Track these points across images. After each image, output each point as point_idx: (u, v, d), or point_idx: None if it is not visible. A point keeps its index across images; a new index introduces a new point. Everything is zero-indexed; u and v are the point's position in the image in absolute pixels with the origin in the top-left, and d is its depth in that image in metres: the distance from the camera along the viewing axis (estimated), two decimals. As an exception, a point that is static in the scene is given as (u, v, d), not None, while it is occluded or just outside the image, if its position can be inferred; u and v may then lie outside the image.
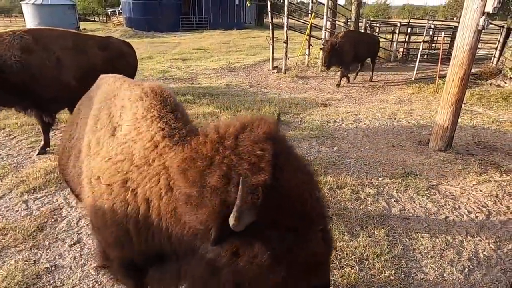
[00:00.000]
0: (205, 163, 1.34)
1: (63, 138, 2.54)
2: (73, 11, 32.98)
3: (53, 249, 3.21)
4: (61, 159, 2.44)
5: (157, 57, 16.11)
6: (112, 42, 5.82)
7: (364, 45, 10.54)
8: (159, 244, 1.58)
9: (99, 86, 2.42)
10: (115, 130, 1.78)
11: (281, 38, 12.66)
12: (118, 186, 1.63)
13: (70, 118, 2.41)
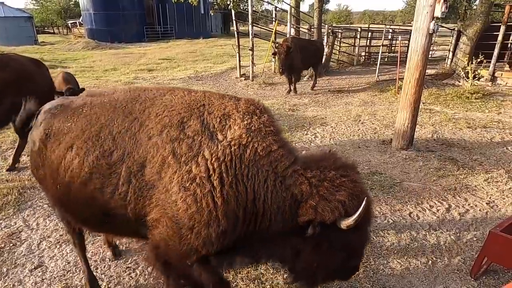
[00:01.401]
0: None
1: (81, 159, 2.03)
2: (29, 24, 31.56)
3: (11, 275, 3.02)
4: (91, 180, 2.01)
5: (121, 69, 15.74)
6: (14, 60, 4.87)
7: (308, 51, 10.54)
8: (256, 232, 1.93)
9: (145, 99, 2.11)
10: (214, 136, 1.87)
11: (248, 46, 12.78)
12: (228, 184, 1.80)
13: (74, 140, 2.06)
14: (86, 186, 1.99)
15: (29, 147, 2.39)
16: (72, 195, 2.09)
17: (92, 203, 2.04)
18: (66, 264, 3.16)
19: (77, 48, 26.04)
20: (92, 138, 2.01)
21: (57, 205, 2.38)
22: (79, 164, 2.00)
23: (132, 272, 3.06)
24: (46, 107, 2.39)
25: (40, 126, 2.25)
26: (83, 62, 18.79)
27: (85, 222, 2.35)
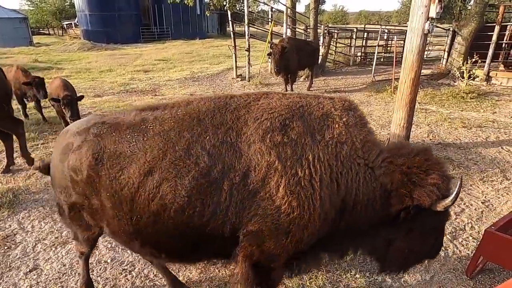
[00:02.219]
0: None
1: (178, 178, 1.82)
2: (24, 25, 31.41)
3: (6, 279, 3.00)
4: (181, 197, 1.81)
5: (117, 70, 15.69)
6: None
7: (305, 52, 10.57)
8: (343, 227, 1.95)
9: (236, 106, 1.98)
10: (315, 136, 1.84)
11: (244, 47, 12.78)
12: (326, 184, 1.80)
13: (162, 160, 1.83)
14: (183, 211, 1.79)
15: (61, 176, 2.11)
16: (160, 225, 1.85)
17: (186, 229, 1.84)
18: (61, 267, 3.14)
19: (72, 49, 25.93)
20: (182, 158, 1.80)
21: (128, 238, 2.04)
22: (172, 189, 1.77)
23: (128, 274, 3.05)
24: (76, 128, 2.14)
25: (81, 151, 1.98)
26: (78, 63, 18.71)
27: (166, 252, 2.08)
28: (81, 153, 1.98)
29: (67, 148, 2.08)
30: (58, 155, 2.15)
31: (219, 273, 3.02)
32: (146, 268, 3.11)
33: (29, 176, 4.90)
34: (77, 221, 2.21)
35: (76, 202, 2.10)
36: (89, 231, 2.23)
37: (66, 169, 2.04)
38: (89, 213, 2.10)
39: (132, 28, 34.16)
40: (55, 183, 2.22)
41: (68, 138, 2.12)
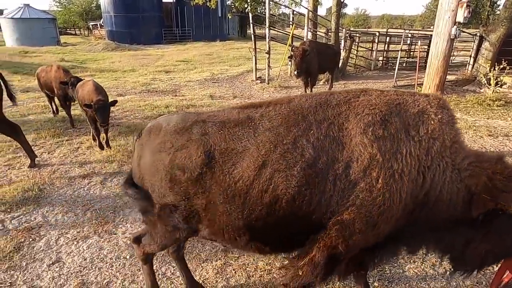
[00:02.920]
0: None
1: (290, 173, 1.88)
2: (53, 25, 32.57)
3: (30, 270, 3.10)
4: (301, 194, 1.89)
5: (139, 70, 16.03)
6: None
7: (325, 55, 10.51)
8: (421, 223, 1.97)
9: (337, 103, 2.03)
10: (409, 131, 1.91)
11: (264, 49, 12.82)
12: (413, 178, 1.85)
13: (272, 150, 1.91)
14: (294, 201, 1.87)
15: (155, 175, 2.11)
16: (271, 216, 1.93)
17: (293, 219, 1.93)
18: (82, 261, 3.22)
19: (97, 49, 26.69)
20: (290, 151, 1.89)
21: (235, 234, 2.08)
22: (284, 180, 1.86)
23: (146, 271, 3.09)
24: (172, 127, 2.15)
25: (189, 149, 2.02)
26: (102, 63, 19.24)
27: (271, 243, 2.15)
28: (189, 151, 2.02)
29: (164, 147, 2.10)
30: (150, 155, 2.16)
31: (235, 274, 3.03)
32: (164, 267, 3.16)
33: (54, 171, 5.07)
34: (164, 221, 2.21)
35: (170, 203, 2.10)
36: (176, 232, 2.23)
37: (166, 168, 2.06)
38: (184, 214, 2.10)
39: (155, 30, 34.86)
40: (143, 182, 2.21)
41: (164, 137, 2.14)
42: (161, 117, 2.43)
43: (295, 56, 9.40)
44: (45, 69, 7.26)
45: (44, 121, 7.40)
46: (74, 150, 5.90)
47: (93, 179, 4.84)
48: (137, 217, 3.94)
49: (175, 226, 2.20)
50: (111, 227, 3.75)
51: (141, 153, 2.25)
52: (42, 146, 6.06)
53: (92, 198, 4.34)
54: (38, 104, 8.94)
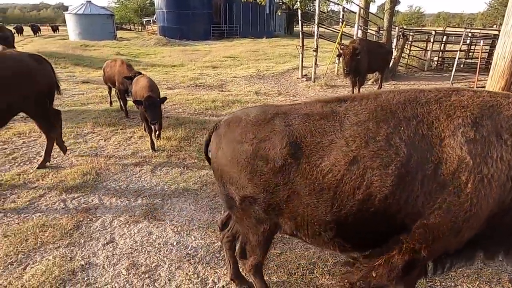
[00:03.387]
0: None
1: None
2: (111, 21, 34.68)
3: (87, 247, 3.35)
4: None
5: (188, 65, 16.56)
6: (11, 57, 4.57)
7: (376, 54, 10.14)
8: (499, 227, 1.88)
9: (426, 101, 1.98)
10: (501, 135, 1.85)
11: (311, 47, 12.64)
12: (501, 184, 1.78)
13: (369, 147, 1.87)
14: (386, 199, 1.83)
15: (235, 166, 2.12)
16: (362, 213, 1.89)
17: (382, 218, 1.88)
18: (133, 243, 3.42)
19: (149, 44, 27.99)
20: (384, 148, 1.85)
21: (320, 229, 2.05)
22: (378, 178, 1.82)
23: (191, 259, 3.21)
24: (253, 119, 2.17)
25: (273, 140, 2.02)
26: (154, 57, 20.13)
27: (355, 241, 2.10)
28: (273, 142, 2.03)
29: (246, 138, 2.11)
30: (230, 146, 2.17)
31: (277, 270, 3.04)
32: (208, 256, 3.25)
33: (109, 158, 5.41)
34: (248, 214, 2.23)
35: (250, 194, 2.12)
36: (261, 226, 2.23)
37: (248, 159, 2.07)
38: (263, 206, 2.11)
39: (204, 26, 35.76)
40: (223, 174, 2.24)
41: (245, 128, 2.15)
42: (238, 110, 2.48)
43: (345, 54, 9.16)
44: (110, 63, 7.62)
45: (101, 111, 7.92)
46: (127, 139, 6.26)
47: (144, 167, 5.10)
48: (184, 206, 4.09)
49: (259, 218, 2.19)
50: (160, 214, 3.93)
51: (220, 145, 2.26)
52: (99, 134, 6.49)
53: (143, 185, 4.58)
54: (96, 95, 9.57)
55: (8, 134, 6.25)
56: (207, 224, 3.74)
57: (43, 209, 3.98)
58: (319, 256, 3.20)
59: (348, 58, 9.07)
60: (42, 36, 37.51)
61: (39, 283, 2.85)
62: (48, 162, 5.12)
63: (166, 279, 2.96)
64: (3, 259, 3.13)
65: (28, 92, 4.51)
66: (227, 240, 2.80)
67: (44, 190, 4.38)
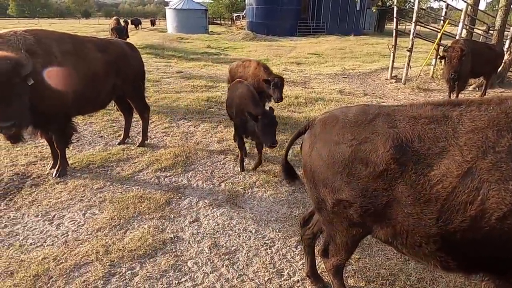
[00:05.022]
0: None
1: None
2: (204, 15, 36.98)
3: (176, 222, 3.68)
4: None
5: (273, 60, 16.82)
6: (113, 43, 5.18)
7: (483, 57, 8.90)
8: None
9: None
10: None
11: (404, 46, 11.79)
12: None
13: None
14: (505, 219, 1.60)
15: (329, 169, 2.06)
16: (473, 231, 1.69)
17: (496, 240, 1.67)
18: (215, 225, 3.65)
19: (237, 39, 29.13)
20: (505, 160, 1.64)
21: (420, 241, 1.88)
22: (497, 193, 1.61)
23: (268, 249, 3.31)
24: (352, 119, 2.08)
25: (375, 142, 1.91)
26: (241, 51, 20.91)
27: (458, 261, 1.89)
28: (375, 145, 1.91)
29: (344, 139, 2.03)
30: (326, 147, 2.11)
31: (354, 275, 2.96)
32: (284, 248, 3.31)
33: (197, 143, 5.83)
34: (340, 217, 2.15)
35: (345, 198, 2.03)
36: (353, 230, 2.15)
37: (345, 161, 1.99)
38: (359, 211, 2.01)
39: (290, 22, 35.88)
40: (316, 175, 2.18)
41: (342, 129, 2.07)
42: (336, 109, 2.42)
43: (451, 57, 8.20)
44: (242, 64, 6.75)
45: (192, 99, 8.52)
46: (214, 127, 6.65)
47: (228, 156, 5.37)
48: (264, 197, 4.22)
49: (351, 222, 2.11)
50: (241, 201, 4.12)
51: (314, 144, 2.20)
52: (190, 120, 7.02)
53: (226, 172, 4.84)
54: (188, 84, 10.34)
55: (116, 114, 7.14)
56: (285, 218, 3.81)
57: (141, 182, 4.48)
58: (401, 269, 3.02)
59: (456, 61, 8.10)
60: (143, 29, 41.59)
61: (136, 247, 3.23)
62: (147, 141, 5.73)
63: (244, 263, 3.10)
64: (109, 221, 3.62)
65: (126, 74, 5.15)
66: (308, 237, 2.81)
67: (142, 166, 4.91)
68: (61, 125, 4.47)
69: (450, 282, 2.87)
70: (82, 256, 3.10)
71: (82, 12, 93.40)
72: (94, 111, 5.59)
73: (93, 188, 4.28)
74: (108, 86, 4.96)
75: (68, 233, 3.44)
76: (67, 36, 4.59)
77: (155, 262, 3.08)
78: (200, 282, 2.87)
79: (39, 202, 3.96)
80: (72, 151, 5.26)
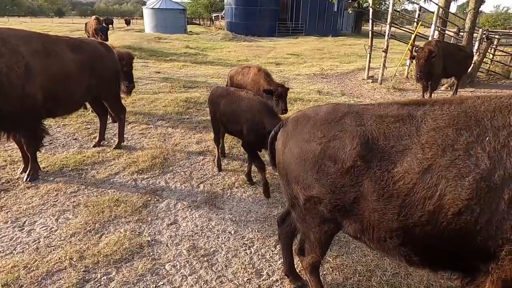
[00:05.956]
0: None
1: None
2: (183, 15, 36.55)
3: (154, 225, 3.61)
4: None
5: (252, 60, 16.84)
6: (87, 43, 5.06)
7: (454, 58, 9.34)
8: None
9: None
10: None
11: (380, 47, 12.09)
12: None
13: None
14: (460, 215, 1.67)
15: (301, 166, 2.10)
16: (431, 226, 1.76)
17: (455, 234, 1.73)
18: (194, 227, 3.61)
19: (216, 39, 28.97)
20: (462, 158, 1.70)
21: (385, 236, 1.94)
22: (453, 190, 1.68)
23: (247, 249, 3.30)
24: (322, 118, 2.13)
25: (343, 140, 1.96)
26: (220, 51, 20.80)
27: (421, 256, 1.95)
28: (343, 142, 1.96)
29: (314, 136, 2.08)
30: (297, 144, 2.15)
31: (332, 272, 3.00)
32: (263, 248, 3.32)
33: (176, 144, 5.75)
34: (311, 213, 2.19)
35: (316, 195, 2.08)
36: (325, 226, 2.19)
37: (315, 158, 2.03)
38: (329, 207, 2.06)
39: (270, 23, 36.10)
40: (288, 172, 2.22)
41: (313, 127, 2.12)
42: (308, 108, 2.46)
43: (419, 57, 8.62)
44: (241, 71, 6.12)
45: (170, 100, 8.40)
46: (192, 128, 6.58)
47: (207, 157, 5.33)
48: (242, 198, 4.21)
49: (323, 218, 2.15)
50: (220, 203, 4.10)
51: (287, 142, 2.25)
52: (168, 121, 6.93)
53: (205, 174, 4.80)
54: (167, 84, 10.20)
55: (91, 116, 6.95)
56: (264, 218, 3.81)
57: (117, 185, 4.38)
58: (377, 264, 3.09)
59: (423, 62, 8.53)
60: (119, 29, 40.60)
61: (112, 252, 3.15)
62: (123, 143, 5.60)
63: (223, 264, 3.09)
64: (83, 226, 3.51)
65: (101, 75, 5.03)
66: (285, 236, 2.83)
67: (119, 169, 4.80)
68: (31, 128, 4.31)
69: (424, 276, 2.96)
70: (55, 262, 2.99)
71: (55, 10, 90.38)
72: (67, 114, 5.41)
73: (66, 192, 4.14)
74: (82, 87, 4.82)
75: (39, 239, 3.31)
76: (37, 35, 4.44)
77: (132, 266, 3.02)
78: (179, 285, 2.84)
79: (8, 208, 3.79)
80: (45, 154, 5.08)
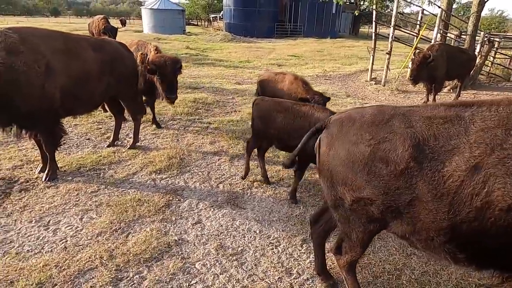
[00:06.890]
0: None
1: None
2: (181, 16, 36.47)
3: (179, 224, 3.63)
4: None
5: (254, 61, 16.87)
6: (108, 43, 5.09)
7: (457, 61, 9.55)
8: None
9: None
10: None
11: (382, 49, 12.19)
12: None
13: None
14: (509, 211, 1.71)
15: (349, 168, 2.12)
16: (478, 222, 1.79)
17: (503, 230, 1.75)
18: (219, 226, 3.63)
19: (215, 40, 28.96)
20: (510, 156, 1.75)
21: (434, 234, 1.96)
22: (502, 187, 1.73)
23: (274, 248, 3.33)
24: (368, 119, 2.16)
25: (394, 142, 2.00)
26: (220, 52, 20.79)
27: (468, 253, 1.97)
28: (394, 144, 2.00)
29: (362, 139, 2.10)
30: (344, 147, 2.17)
31: (361, 271, 3.04)
32: (290, 247, 3.35)
33: (189, 144, 5.76)
34: (358, 214, 2.20)
35: (367, 196, 2.08)
36: (371, 225, 2.21)
37: (365, 160, 2.06)
38: (381, 208, 2.07)
39: (268, 24, 36.16)
40: (334, 175, 2.23)
41: (360, 129, 2.15)
42: (350, 109, 2.49)
43: (413, 62, 8.92)
44: (275, 77, 5.77)
45: (179, 100, 8.35)
46: (204, 129, 6.60)
47: (222, 157, 5.35)
48: (263, 197, 4.24)
49: (371, 219, 2.17)
50: (241, 202, 4.12)
51: (331, 144, 2.26)
52: (179, 121, 6.94)
53: (223, 174, 4.81)
54: (173, 85, 10.18)
55: (101, 116, 6.93)
56: (287, 217, 3.84)
57: (137, 185, 4.38)
58: (405, 263, 3.13)
59: (415, 66, 8.78)
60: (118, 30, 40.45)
61: (141, 251, 3.16)
62: (138, 143, 5.60)
63: (252, 264, 3.11)
64: (109, 225, 3.51)
65: (121, 75, 5.00)
66: (318, 236, 2.86)
67: (136, 169, 4.80)
68: (49, 127, 4.30)
69: (452, 275, 3.01)
70: (85, 261, 3.00)
71: (51, 10, 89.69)
72: (86, 113, 5.39)
73: (87, 192, 4.14)
74: (101, 87, 4.80)
75: (66, 238, 3.31)
76: (59, 34, 4.44)
77: (163, 265, 3.03)
78: (211, 284, 2.85)
79: (31, 207, 3.78)
80: (60, 154, 5.06)
